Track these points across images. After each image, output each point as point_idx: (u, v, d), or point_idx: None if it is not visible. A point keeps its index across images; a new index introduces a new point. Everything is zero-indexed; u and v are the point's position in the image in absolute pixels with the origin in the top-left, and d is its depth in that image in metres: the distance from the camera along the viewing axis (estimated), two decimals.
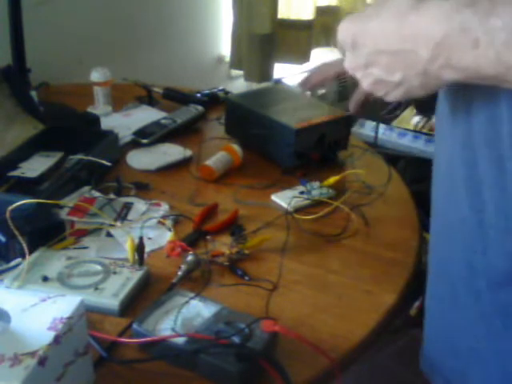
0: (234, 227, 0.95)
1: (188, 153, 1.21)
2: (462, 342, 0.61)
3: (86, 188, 1.02)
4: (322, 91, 1.40)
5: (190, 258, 0.83)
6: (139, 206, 1.00)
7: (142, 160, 1.19)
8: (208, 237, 0.91)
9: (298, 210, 1.01)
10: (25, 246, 0.78)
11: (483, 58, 0.44)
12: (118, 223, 0.94)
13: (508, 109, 0.50)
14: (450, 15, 0.45)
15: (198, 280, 0.82)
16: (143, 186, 1.08)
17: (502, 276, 0.54)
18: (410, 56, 0.49)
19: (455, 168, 0.58)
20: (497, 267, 0.55)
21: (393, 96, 0.55)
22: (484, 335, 0.58)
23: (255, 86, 2.31)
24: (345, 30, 0.55)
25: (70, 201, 0.97)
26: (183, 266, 0.82)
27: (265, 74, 2.37)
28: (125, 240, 0.87)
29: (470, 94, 0.54)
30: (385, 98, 0.56)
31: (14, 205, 0.80)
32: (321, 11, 2.58)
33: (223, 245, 0.90)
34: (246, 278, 0.83)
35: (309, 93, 1.13)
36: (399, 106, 2.04)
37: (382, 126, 2.39)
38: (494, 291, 0.56)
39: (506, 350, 0.56)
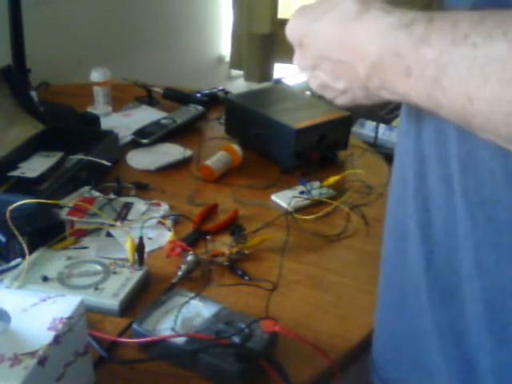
0: (233, 227, 0.95)
1: (188, 153, 1.21)
2: (408, 353, 0.59)
3: (86, 188, 1.02)
4: None
5: (189, 258, 0.83)
6: (139, 206, 1.00)
7: (141, 160, 1.19)
8: (208, 237, 0.91)
9: (298, 210, 1.01)
10: (25, 246, 0.78)
11: (414, 89, 0.42)
12: (118, 223, 0.94)
13: (455, 130, 0.47)
14: (386, 35, 0.43)
15: (198, 280, 0.82)
16: (143, 186, 1.08)
17: (447, 292, 0.51)
18: (350, 69, 0.47)
19: (407, 175, 0.55)
20: (440, 284, 0.52)
21: (340, 101, 0.53)
22: (428, 348, 0.55)
23: (255, 85, 2.31)
24: (292, 28, 0.53)
25: (69, 201, 0.97)
26: (183, 266, 0.82)
27: (265, 73, 2.37)
28: (125, 240, 0.87)
29: None
30: (334, 102, 0.55)
31: (14, 205, 0.80)
32: None
33: (223, 245, 0.90)
34: (246, 277, 0.83)
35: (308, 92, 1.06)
36: (399, 106, 2.04)
37: (381, 126, 2.39)
38: (437, 308, 0.52)
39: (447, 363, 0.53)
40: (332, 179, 1.08)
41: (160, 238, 0.92)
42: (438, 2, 0.53)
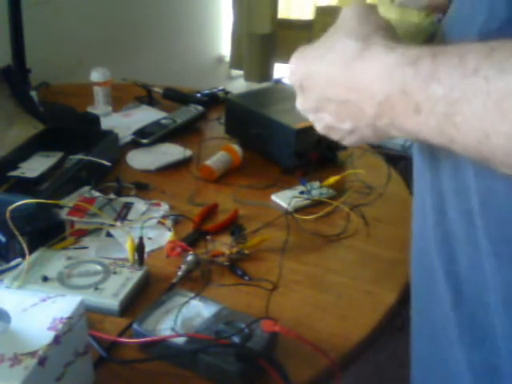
0: (233, 227, 0.95)
1: (188, 153, 1.21)
2: None
3: (86, 188, 1.02)
4: None
5: (190, 257, 0.83)
6: (139, 206, 1.00)
7: (141, 160, 1.19)
8: (208, 237, 0.91)
9: (298, 210, 1.01)
10: (25, 246, 0.78)
11: (425, 126, 0.40)
12: (118, 223, 0.94)
13: (473, 164, 0.45)
14: (392, 73, 0.42)
15: (198, 280, 0.82)
16: (143, 186, 1.08)
17: (478, 330, 0.49)
18: (356, 108, 0.46)
19: (426, 209, 0.53)
20: (470, 321, 0.49)
21: (347, 142, 0.52)
22: None
23: (255, 85, 2.31)
24: (293, 71, 0.52)
25: (70, 201, 0.97)
26: (183, 266, 0.82)
27: (265, 74, 2.37)
28: (125, 240, 0.87)
29: None
30: (341, 143, 0.53)
31: (14, 205, 0.80)
32: (321, 11, 2.58)
33: (223, 245, 0.90)
34: (246, 277, 0.83)
35: None
36: None
37: None
38: (469, 346, 0.50)
39: None
40: (332, 179, 1.08)
41: (160, 237, 0.92)
42: (440, 36, 0.51)
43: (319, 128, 0.54)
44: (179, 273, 0.82)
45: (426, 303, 0.56)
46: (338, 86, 0.47)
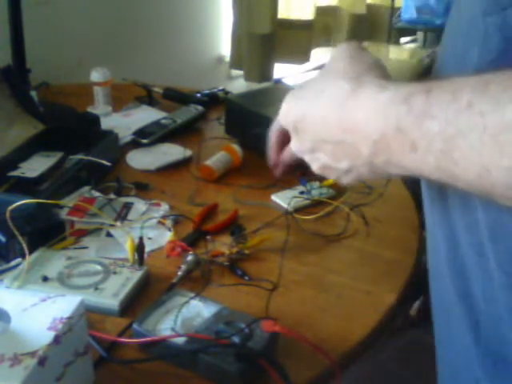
0: (233, 227, 0.95)
1: (188, 153, 1.21)
2: None
3: (86, 188, 1.02)
4: None
5: (190, 258, 0.83)
6: (139, 206, 1.00)
7: (141, 160, 1.19)
8: (208, 237, 0.91)
9: (298, 210, 1.01)
10: (25, 246, 0.78)
11: (423, 163, 0.40)
12: (118, 223, 0.94)
13: (480, 198, 0.44)
14: (385, 111, 0.41)
15: (198, 280, 0.82)
16: (143, 186, 1.08)
17: (500, 364, 0.48)
18: (352, 148, 0.45)
19: (438, 244, 0.53)
20: (492, 355, 0.48)
21: (345, 181, 0.51)
22: None
23: (255, 85, 2.32)
24: (285, 114, 0.52)
25: (70, 201, 0.97)
26: (183, 266, 0.82)
27: (265, 74, 2.37)
28: (125, 240, 0.87)
29: None
30: (339, 182, 0.53)
31: (14, 205, 0.80)
32: (321, 11, 2.58)
33: (223, 245, 0.90)
34: (246, 277, 0.83)
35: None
36: None
37: None
38: (493, 381, 0.49)
39: None
40: (332, 179, 1.08)
41: (160, 237, 0.92)
42: (435, 72, 0.51)
43: (315, 168, 0.53)
44: (179, 273, 0.82)
45: (448, 337, 0.56)
46: (332, 127, 0.46)
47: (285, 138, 0.62)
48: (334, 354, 0.69)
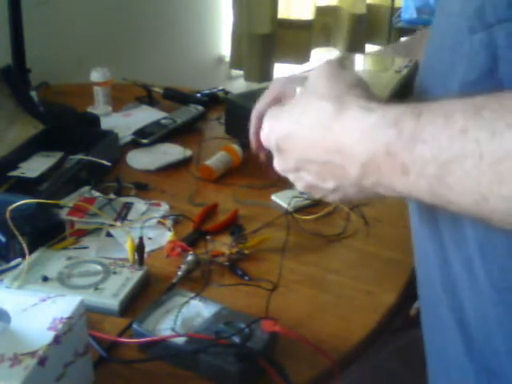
0: (233, 227, 0.95)
1: (188, 153, 1.21)
2: None
3: (86, 188, 1.02)
4: None
5: (190, 258, 0.83)
6: (139, 206, 1.00)
7: (141, 160, 1.19)
8: (208, 237, 0.91)
9: (298, 210, 1.01)
10: (25, 246, 0.78)
11: (415, 186, 0.39)
12: (118, 223, 0.94)
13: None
14: (373, 135, 0.40)
15: (198, 280, 0.82)
16: (143, 186, 1.07)
17: (493, 377, 0.48)
18: (338, 169, 0.44)
19: (429, 260, 0.52)
20: (485, 368, 0.48)
21: (331, 199, 0.50)
22: None
23: (255, 85, 2.31)
24: (267, 133, 0.51)
25: (69, 201, 0.97)
26: (183, 266, 0.82)
27: (265, 74, 2.37)
28: (125, 240, 0.87)
29: None
30: (325, 200, 0.52)
31: (14, 205, 0.80)
32: (321, 11, 2.58)
33: (223, 245, 0.90)
34: (246, 277, 0.83)
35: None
36: None
37: None
38: None
39: None
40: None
41: (160, 237, 0.92)
42: (419, 88, 0.50)
43: (300, 187, 0.53)
44: (179, 273, 0.82)
45: (441, 349, 0.55)
46: (317, 147, 0.46)
47: None
48: (334, 354, 0.69)
